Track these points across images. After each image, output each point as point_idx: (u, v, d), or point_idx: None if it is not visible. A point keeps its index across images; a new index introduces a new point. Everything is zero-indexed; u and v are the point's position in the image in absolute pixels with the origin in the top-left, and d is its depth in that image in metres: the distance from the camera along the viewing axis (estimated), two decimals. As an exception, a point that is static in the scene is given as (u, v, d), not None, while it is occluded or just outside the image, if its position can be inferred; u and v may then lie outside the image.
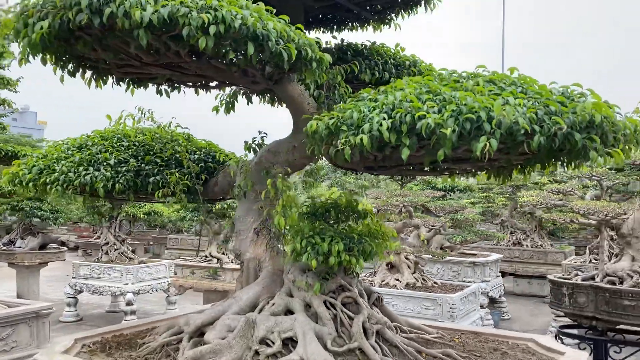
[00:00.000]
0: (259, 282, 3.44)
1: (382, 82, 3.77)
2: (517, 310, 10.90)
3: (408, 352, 3.12)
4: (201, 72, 2.94)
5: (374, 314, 3.29)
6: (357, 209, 3.44)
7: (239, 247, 3.67)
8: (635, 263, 5.65)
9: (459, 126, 2.12)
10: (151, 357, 3.23)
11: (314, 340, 2.91)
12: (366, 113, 2.34)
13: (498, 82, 2.46)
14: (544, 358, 3.40)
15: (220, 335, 3.12)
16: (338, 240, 2.99)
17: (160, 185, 3.57)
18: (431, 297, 6.43)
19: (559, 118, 2.12)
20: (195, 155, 3.93)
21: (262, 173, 3.59)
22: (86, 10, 2.19)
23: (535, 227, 12.85)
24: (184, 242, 14.42)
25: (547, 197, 6.05)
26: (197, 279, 8.39)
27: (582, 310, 5.70)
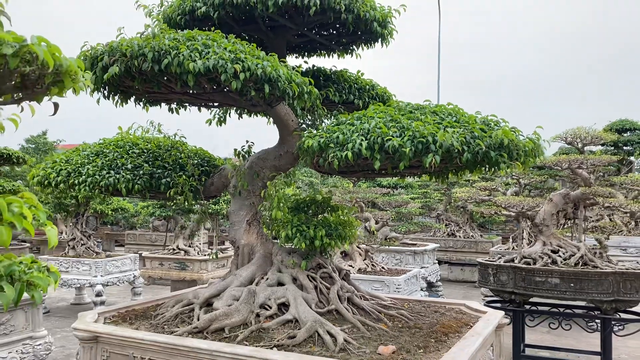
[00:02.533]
0: (254, 263, 4.31)
1: (347, 102, 4.74)
2: (452, 293, 12.21)
3: (372, 312, 4.09)
4: (215, 99, 3.78)
5: (344, 285, 4.25)
6: (331, 204, 4.38)
7: (234, 236, 4.52)
8: (546, 247, 6.90)
9: (414, 146, 3.08)
10: (168, 323, 4.02)
11: (303, 304, 3.82)
12: (348, 135, 3.28)
13: (439, 113, 3.46)
14: (472, 315, 4.47)
15: (227, 303, 3.97)
16: (320, 228, 3.92)
17: (170, 186, 4.36)
18: (380, 280, 7.48)
19: (480, 141, 3.13)
20: (194, 160, 4.73)
21: (254, 175, 4.46)
22: (150, 60, 2.98)
23: (467, 219, 14.28)
24: (142, 237, 14.89)
25: (476, 193, 7.20)
26: (166, 270, 9.06)
27: (504, 286, 6.90)
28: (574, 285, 6.36)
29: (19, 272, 1.34)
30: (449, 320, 4.22)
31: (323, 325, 3.58)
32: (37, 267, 1.44)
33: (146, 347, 3.65)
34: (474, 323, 4.17)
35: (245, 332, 3.63)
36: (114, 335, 3.80)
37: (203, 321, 3.76)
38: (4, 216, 1.15)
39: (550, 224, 6.92)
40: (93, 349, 3.87)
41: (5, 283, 1.27)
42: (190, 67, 2.96)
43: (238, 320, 3.78)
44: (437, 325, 4.00)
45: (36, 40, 1.23)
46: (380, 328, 3.81)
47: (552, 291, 6.50)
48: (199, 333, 3.74)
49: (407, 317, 4.14)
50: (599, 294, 6.28)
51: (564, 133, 6.91)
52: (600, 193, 6.28)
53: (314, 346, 3.46)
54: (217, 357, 3.38)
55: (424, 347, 3.50)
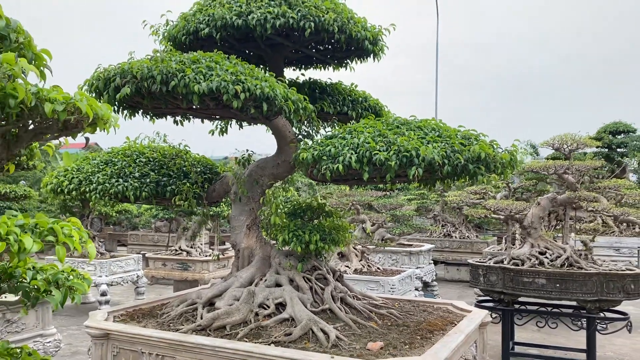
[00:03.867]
0: (253, 265, 4.61)
1: (341, 113, 5.04)
2: (447, 293, 12.52)
3: (363, 311, 4.39)
4: (217, 114, 4.08)
5: (338, 286, 4.54)
6: (325, 209, 4.68)
7: (235, 240, 4.81)
8: (534, 249, 7.20)
9: (399, 160, 3.38)
10: (174, 322, 4.32)
11: (299, 303, 4.12)
12: (340, 149, 3.58)
13: (423, 128, 3.76)
14: (457, 314, 4.77)
15: (228, 302, 4.27)
16: (315, 232, 4.22)
17: (175, 193, 4.66)
18: (375, 280, 7.78)
19: (459, 155, 3.42)
20: (197, 168, 5.02)
21: (253, 183, 4.75)
22: (158, 82, 3.28)
23: (463, 220, 14.58)
24: (144, 238, 15.21)
25: (467, 196, 7.49)
26: (169, 270, 9.37)
27: (493, 286, 7.20)
28: (560, 285, 6.66)
29: (63, 279, 1.64)
30: (436, 318, 4.52)
31: (317, 323, 3.88)
32: (75, 275, 1.74)
33: (154, 343, 3.95)
34: (458, 321, 4.47)
35: (245, 329, 3.93)
36: (123, 332, 4.09)
37: (206, 319, 4.06)
38: (59, 238, 1.43)
39: (538, 226, 7.21)
40: (104, 345, 4.17)
41: (54, 288, 1.55)
42: (196, 89, 3.26)
43: (238, 318, 4.07)
44: (423, 324, 4.30)
45: (79, 97, 1.52)
46: (371, 326, 4.11)
47: (539, 291, 6.79)
48: (202, 330, 4.03)
49: (396, 316, 4.44)
50: (583, 294, 6.58)
51: (552, 139, 7.20)
52: (584, 197, 6.58)
53: (309, 342, 3.76)
54: (219, 353, 3.67)
55: (409, 343, 3.80)
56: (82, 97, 1.52)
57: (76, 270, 1.73)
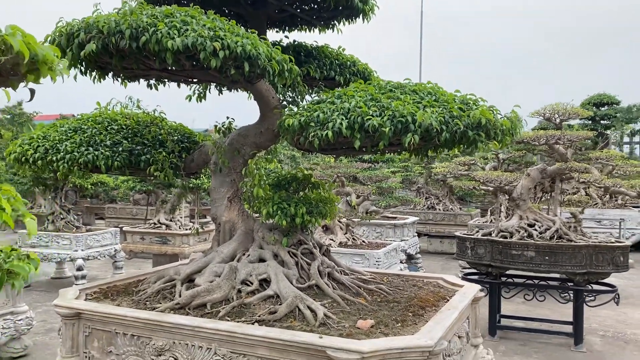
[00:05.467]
0: (235, 239, 4.34)
1: (329, 78, 4.73)
2: (431, 265, 12.46)
3: (351, 287, 4.17)
4: (194, 76, 3.74)
5: (325, 260, 4.31)
6: (312, 181, 4.41)
7: (215, 213, 4.53)
8: (522, 221, 7.06)
9: (393, 126, 3.11)
10: (150, 300, 4.06)
11: (284, 279, 3.88)
12: (329, 114, 3.29)
13: (419, 92, 3.49)
14: (449, 288, 4.59)
15: (209, 279, 4.01)
16: (301, 205, 3.96)
17: (150, 162, 4.34)
18: (360, 253, 7.59)
19: (459, 120, 3.17)
20: (174, 136, 4.70)
21: (234, 152, 4.45)
22: (127, 38, 2.94)
23: (447, 192, 14.47)
24: (123, 211, 14.81)
25: (455, 168, 7.29)
26: (147, 244, 9.06)
27: (481, 259, 7.06)
28: (549, 258, 6.54)
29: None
30: (427, 294, 4.33)
31: (303, 300, 3.65)
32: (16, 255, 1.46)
33: (128, 323, 3.69)
34: (450, 297, 4.29)
35: (227, 307, 3.69)
36: (96, 312, 3.82)
37: (185, 297, 3.80)
38: (-18, 209, 1.16)
39: (527, 198, 7.06)
40: (75, 326, 3.90)
41: (-12, 271, 1.29)
42: (169, 44, 2.93)
43: (220, 296, 3.83)
44: (415, 299, 4.10)
45: (10, 31, 1.21)
46: (360, 303, 3.90)
47: (528, 264, 6.67)
48: (181, 309, 3.78)
49: (386, 292, 4.23)
50: (572, 266, 6.48)
51: (543, 109, 7.00)
52: (576, 168, 6.42)
53: (295, 321, 3.53)
54: (199, 333, 3.43)
55: (401, 320, 3.59)
56: (14, 30, 1.21)
57: (18, 250, 1.46)
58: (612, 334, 7.43)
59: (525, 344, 6.94)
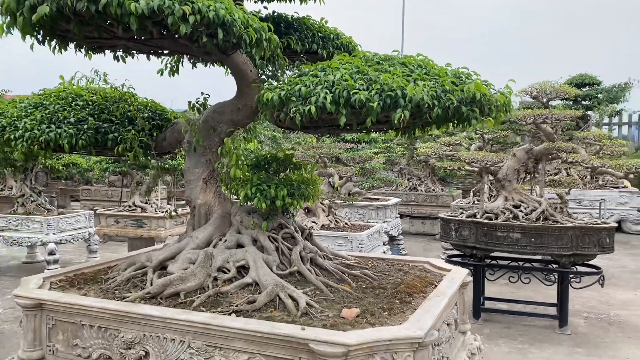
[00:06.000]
0: (211, 224, 4.08)
1: (310, 52, 4.44)
2: (413, 246, 12.36)
3: (335, 272, 3.95)
4: (164, 46, 3.43)
5: (307, 245, 4.08)
6: (293, 161, 4.15)
7: (190, 195, 4.25)
8: (508, 202, 6.91)
9: (382, 101, 2.86)
10: (120, 288, 3.79)
11: (264, 266, 3.64)
12: (312, 88, 3.02)
13: (408, 65, 3.23)
14: (436, 273, 4.40)
15: (182, 266, 3.75)
16: (282, 187, 3.70)
17: (118, 141, 4.03)
18: (343, 236, 7.39)
19: (451, 95, 2.93)
20: (145, 113, 4.38)
21: (210, 130, 4.17)
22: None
23: (429, 174, 14.33)
24: (98, 194, 14.36)
25: (439, 148, 7.09)
26: (122, 227, 8.73)
27: (465, 241, 6.91)
28: (535, 240, 6.41)
29: None
30: (413, 279, 4.13)
31: (284, 288, 3.42)
32: None
33: (95, 314, 3.42)
34: (438, 282, 4.10)
35: (202, 297, 3.44)
36: (59, 302, 3.55)
37: (156, 286, 3.54)
38: None
39: (512, 179, 6.91)
40: (37, 317, 3.62)
41: None
42: (132, 7, 2.61)
43: (194, 284, 3.57)
44: (401, 285, 3.90)
45: None
46: (344, 289, 3.68)
47: (514, 246, 6.54)
48: (153, 299, 3.53)
49: (371, 277, 4.02)
50: (558, 248, 6.36)
51: (530, 87, 6.82)
52: (563, 148, 6.26)
53: (275, 311, 3.30)
54: (171, 325, 3.18)
55: (388, 309, 3.39)
56: None
57: None
58: (595, 315, 7.38)
59: (510, 327, 6.85)
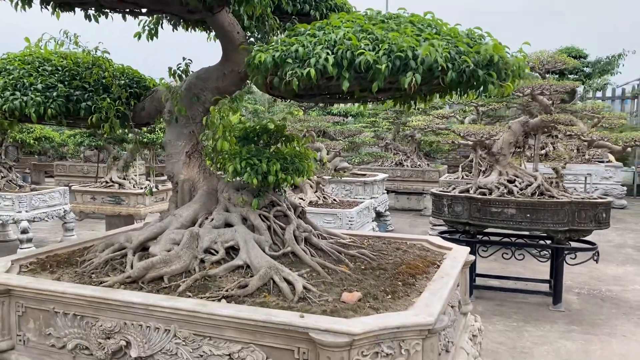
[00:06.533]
0: (196, 201, 3.75)
1: (302, 13, 4.07)
2: (399, 222, 12.18)
3: (331, 253, 3.67)
4: (142, 3, 3.05)
5: (301, 224, 3.79)
6: (285, 133, 3.83)
7: (172, 170, 3.91)
8: (502, 177, 6.69)
9: (390, 63, 2.55)
10: (97, 271, 3.46)
11: (255, 247, 3.34)
12: (310, 48, 2.69)
13: (417, 24, 2.91)
14: (436, 252, 4.15)
15: (165, 248, 3.43)
16: (274, 161, 3.38)
17: (92, 111, 3.65)
18: (332, 213, 7.12)
19: (467, 57, 2.63)
20: (121, 80, 4.00)
21: (192, 99, 3.81)
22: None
23: (415, 149, 14.09)
24: (73, 169, 13.80)
25: (432, 121, 6.82)
26: (99, 204, 8.33)
27: (458, 217, 6.69)
28: (530, 215, 6.22)
29: None
30: (414, 258, 3.88)
31: (279, 271, 3.13)
32: None
33: (69, 301, 3.10)
34: (440, 261, 3.86)
35: (188, 281, 3.14)
36: (29, 288, 3.21)
37: (137, 269, 3.22)
38: None
39: (507, 153, 6.68)
40: (5, 304, 3.28)
41: None
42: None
43: (179, 267, 3.26)
44: (402, 266, 3.64)
45: None
46: (342, 271, 3.41)
47: (508, 222, 6.35)
48: (133, 283, 3.21)
49: (370, 257, 3.76)
50: (554, 223, 6.18)
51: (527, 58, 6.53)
52: (561, 121, 6.03)
53: (269, 295, 3.02)
54: (154, 312, 2.88)
55: (391, 292, 3.13)
56: None
57: None
58: (587, 291, 7.28)
59: (503, 304, 6.70)
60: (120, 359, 3.03)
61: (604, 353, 5.21)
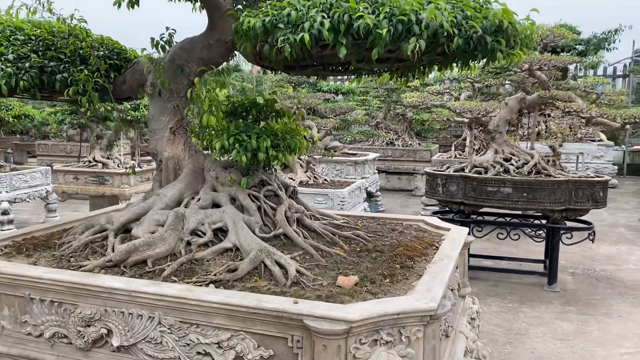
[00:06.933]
0: (181, 180, 3.53)
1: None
2: (390, 203, 12.04)
3: (325, 234, 3.49)
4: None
5: (292, 204, 3.59)
6: (275, 108, 3.61)
7: (155, 147, 3.69)
8: (498, 155, 6.54)
9: (392, 27, 2.34)
10: (76, 254, 3.25)
11: (245, 229, 3.14)
12: (304, 11, 2.46)
13: (419, -14, 2.69)
14: (433, 233, 3.99)
15: (149, 229, 3.23)
16: (264, 137, 3.17)
17: (69, 83, 3.40)
18: (323, 193, 6.93)
19: (474, 22, 2.42)
20: (100, 51, 3.74)
21: (176, 71, 3.57)
22: None
23: (406, 127, 13.90)
24: (55, 148, 13.43)
25: (427, 97, 6.62)
26: (82, 184, 8.07)
27: (453, 197, 6.55)
28: (527, 194, 6.08)
29: None
30: (411, 240, 3.72)
31: (270, 254, 2.94)
32: None
33: (46, 287, 2.89)
34: (438, 243, 3.70)
35: (174, 264, 2.94)
36: (3, 273, 2.99)
37: (119, 253, 3.02)
38: None
39: (503, 130, 6.52)
40: (-23, 291, 3.06)
41: None
42: None
43: (164, 250, 3.06)
44: (399, 247, 3.47)
45: None
46: (337, 254, 3.23)
47: (504, 201, 6.21)
48: (115, 267, 3.01)
49: (365, 239, 3.58)
50: (551, 203, 6.05)
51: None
52: (560, 97, 5.86)
53: (260, 280, 2.83)
54: (138, 299, 2.69)
55: (389, 275, 2.96)
56: None
57: None
58: (581, 271, 7.21)
59: (497, 285, 6.60)
60: (102, 347, 2.84)
61: (600, 334, 5.12)
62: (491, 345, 4.79)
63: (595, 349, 4.78)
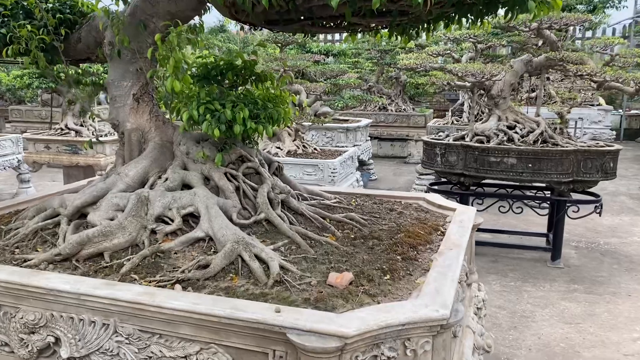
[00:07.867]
0: (146, 156, 3.03)
1: None
2: (382, 171, 11.60)
3: (314, 218, 3.03)
4: None
5: (277, 184, 3.12)
6: (256, 71, 3.08)
7: (117, 117, 3.17)
8: (501, 122, 6.06)
9: (399, -33, 1.83)
10: (24, 244, 2.77)
11: (219, 215, 2.67)
12: (286, -52, 1.94)
13: None
14: (437, 213, 3.55)
15: (107, 215, 2.74)
16: (242, 106, 2.66)
17: (8, 41, 2.85)
18: (313, 163, 6.45)
19: (501, -38, 1.92)
20: (48, 4, 3.17)
21: (139, 27, 3.02)
22: None
23: (400, 92, 13.34)
24: (30, 114, 12.72)
25: (426, 59, 6.10)
26: (54, 154, 7.51)
27: (453, 168, 6.09)
28: (532, 165, 5.64)
29: None
30: (412, 223, 3.27)
31: (249, 246, 2.48)
32: None
33: (-19, 287, 2.42)
34: (443, 226, 3.26)
35: (135, 258, 2.48)
36: None
37: (70, 245, 2.54)
38: None
39: (507, 95, 6.02)
40: None
41: None
42: None
43: (123, 241, 2.59)
44: (399, 234, 3.02)
45: None
46: (328, 242, 2.78)
47: (508, 172, 5.77)
48: (66, 261, 2.55)
49: (360, 223, 3.12)
50: (558, 174, 5.62)
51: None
52: (571, 59, 5.35)
53: (237, 278, 2.38)
54: (87, 303, 2.23)
55: (389, 270, 2.51)
56: None
57: None
58: (585, 244, 6.86)
59: (497, 260, 6.24)
60: (49, 358, 2.40)
61: (610, 316, 4.78)
62: (495, 330, 4.43)
63: (606, 334, 4.44)
